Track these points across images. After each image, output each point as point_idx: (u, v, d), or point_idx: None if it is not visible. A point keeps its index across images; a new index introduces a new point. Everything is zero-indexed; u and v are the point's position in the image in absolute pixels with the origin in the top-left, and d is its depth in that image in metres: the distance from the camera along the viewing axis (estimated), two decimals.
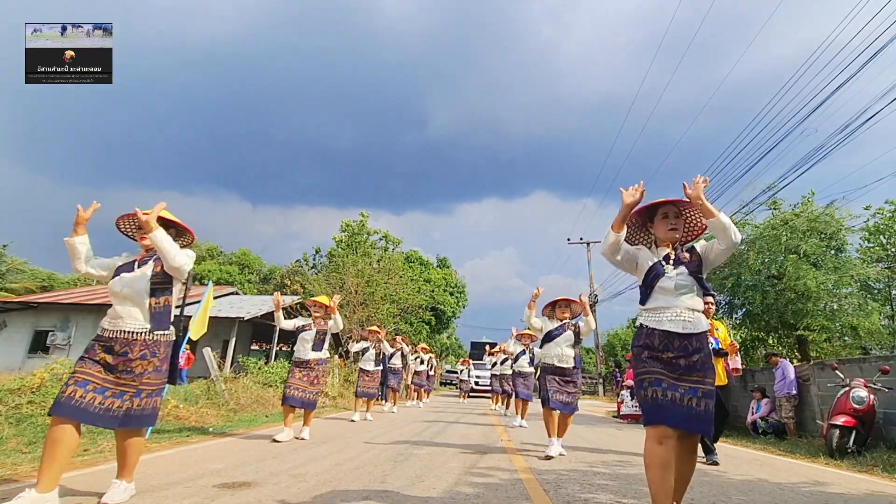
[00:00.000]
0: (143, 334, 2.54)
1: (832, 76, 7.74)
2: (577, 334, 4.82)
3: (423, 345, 14.01)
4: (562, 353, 4.71)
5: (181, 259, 2.59)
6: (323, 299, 5.55)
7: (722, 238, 2.27)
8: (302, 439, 4.99)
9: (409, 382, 12.95)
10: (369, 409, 8.08)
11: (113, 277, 2.67)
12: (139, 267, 2.68)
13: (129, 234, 2.92)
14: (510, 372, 9.20)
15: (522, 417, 7.70)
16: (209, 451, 4.17)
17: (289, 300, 18.99)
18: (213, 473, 3.21)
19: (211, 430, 5.54)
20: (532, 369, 7.89)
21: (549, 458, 4.45)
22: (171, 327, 2.69)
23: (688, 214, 2.56)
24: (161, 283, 2.64)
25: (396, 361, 10.10)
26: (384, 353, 8.36)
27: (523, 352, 8.03)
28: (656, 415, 2.18)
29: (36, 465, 3.22)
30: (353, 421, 7.35)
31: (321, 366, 5.28)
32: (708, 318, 4.60)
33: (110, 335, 2.53)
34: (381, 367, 8.24)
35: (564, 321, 4.87)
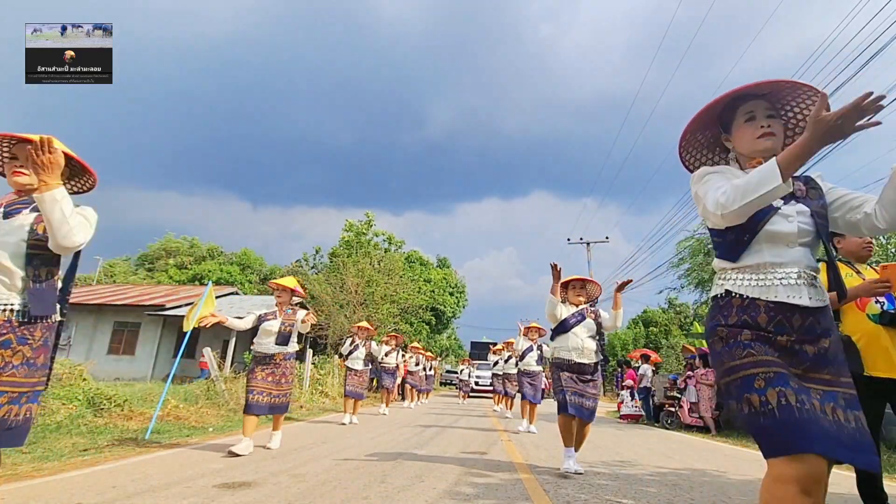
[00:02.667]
0: (9, 313, 1.75)
1: (832, 76, 7.75)
2: (598, 324, 3.94)
3: (415, 343, 13.57)
4: (582, 345, 3.81)
5: (79, 237, 1.80)
6: (288, 281, 4.64)
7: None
8: (269, 448, 4.27)
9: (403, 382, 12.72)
10: (356, 412, 7.25)
11: None
12: (5, 217, 1.84)
13: None
14: (515, 371, 8.65)
15: (531, 422, 6.98)
16: (209, 451, 4.16)
17: None
18: (213, 473, 3.21)
19: (211, 430, 5.54)
20: (540, 368, 7.09)
21: (566, 475, 3.63)
22: (58, 308, 1.90)
23: (793, 113, 1.58)
24: (45, 249, 1.82)
25: (391, 361, 9.67)
26: (372, 354, 7.62)
27: (530, 348, 7.14)
28: (798, 435, 1.18)
29: (36, 465, 3.23)
30: (343, 424, 6.75)
31: (288, 361, 4.38)
32: (865, 260, 2.92)
33: None
34: (368, 367, 7.52)
35: (581, 307, 3.97)
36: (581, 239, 25.91)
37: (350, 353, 7.46)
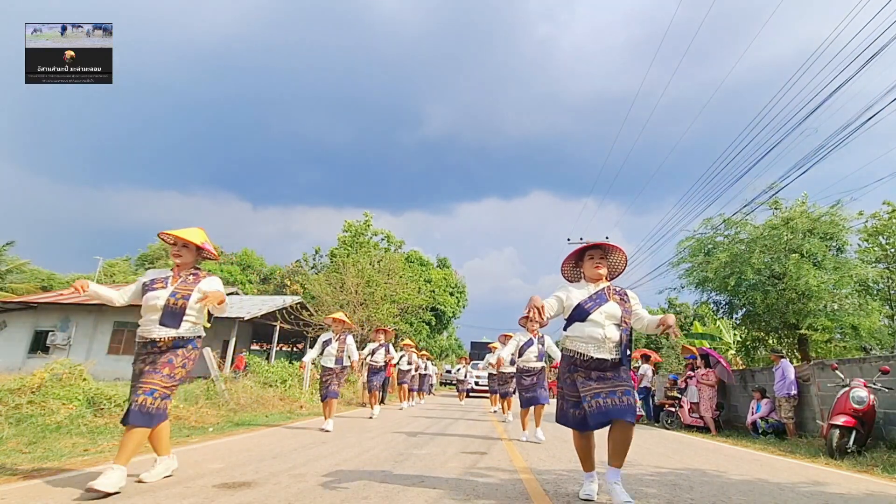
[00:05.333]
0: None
1: (832, 76, 7.74)
2: (626, 310, 2.93)
3: (407, 341, 12.76)
4: (603, 334, 2.83)
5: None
6: (191, 234, 3.06)
7: None
8: (142, 482, 2.83)
9: (398, 383, 12.03)
10: (330, 415, 6.31)
11: None
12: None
13: None
14: (508, 369, 7.76)
15: (536, 424, 5.99)
16: (209, 451, 4.16)
17: (289, 300, 19.04)
18: (213, 473, 3.21)
19: (211, 430, 5.54)
20: (542, 364, 6.05)
21: (588, 501, 2.88)
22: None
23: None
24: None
25: (378, 359, 8.92)
26: (347, 352, 6.53)
27: (530, 342, 6.06)
28: None
29: (36, 465, 3.23)
30: (324, 430, 5.94)
31: (181, 349, 2.93)
32: None
33: None
34: (342, 366, 6.45)
35: (601, 285, 3.02)
36: (581, 239, 25.93)
37: (323, 349, 6.54)
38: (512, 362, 7.45)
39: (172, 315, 2.90)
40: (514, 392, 8.13)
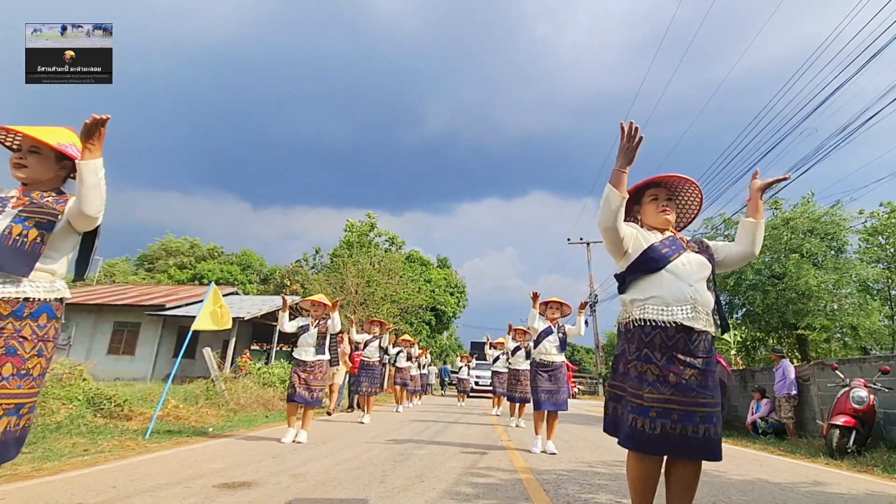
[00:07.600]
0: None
1: (832, 76, 7.74)
2: (710, 257, 2.03)
3: (406, 336, 11.69)
4: (693, 292, 1.89)
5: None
6: (43, 132, 1.89)
7: None
8: None
9: (394, 383, 10.82)
10: (305, 425, 4.97)
11: None
12: None
13: None
14: (523, 366, 6.92)
15: (549, 437, 4.91)
16: (209, 451, 4.17)
17: (289, 300, 19.05)
18: (213, 473, 3.21)
19: (211, 430, 5.54)
20: (562, 358, 5.04)
21: None
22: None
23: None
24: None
25: (372, 354, 7.92)
26: (328, 334, 5.21)
27: (548, 331, 5.01)
28: None
29: (36, 465, 3.22)
30: (281, 442, 4.74)
31: (31, 323, 1.72)
32: None
33: None
34: (323, 357, 5.10)
35: (668, 234, 2.08)
36: (581, 239, 25.99)
37: (297, 336, 5.21)
38: (528, 355, 6.77)
39: (13, 254, 1.70)
40: (529, 399, 6.98)
